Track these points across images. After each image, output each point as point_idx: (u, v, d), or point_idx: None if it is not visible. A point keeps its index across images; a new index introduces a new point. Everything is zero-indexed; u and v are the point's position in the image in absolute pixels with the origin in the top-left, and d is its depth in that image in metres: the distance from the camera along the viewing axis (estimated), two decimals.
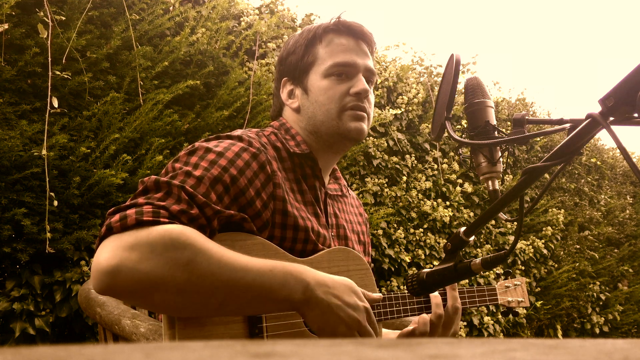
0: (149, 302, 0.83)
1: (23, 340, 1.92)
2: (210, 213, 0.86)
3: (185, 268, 0.77)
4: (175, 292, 0.78)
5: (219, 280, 0.79)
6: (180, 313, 0.85)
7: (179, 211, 0.82)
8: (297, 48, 1.12)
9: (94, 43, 2.32)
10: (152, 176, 0.88)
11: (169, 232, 0.78)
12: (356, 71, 1.08)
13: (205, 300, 0.81)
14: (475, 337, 3.80)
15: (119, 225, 0.79)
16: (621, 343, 0.23)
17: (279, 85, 1.16)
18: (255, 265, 0.81)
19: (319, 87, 1.08)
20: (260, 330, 0.91)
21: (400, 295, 1.11)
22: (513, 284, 1.38)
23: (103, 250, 0.78)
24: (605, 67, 23.31)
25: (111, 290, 0.78)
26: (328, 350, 0.21)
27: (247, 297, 0.81)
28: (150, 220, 0.79)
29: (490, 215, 0.75)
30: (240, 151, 0.95)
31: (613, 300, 5.23)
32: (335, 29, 1.10)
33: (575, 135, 0.65)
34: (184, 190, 0.85)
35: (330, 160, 1.16)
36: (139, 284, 0.76)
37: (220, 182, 0.90)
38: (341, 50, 1.09)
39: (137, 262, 0.75)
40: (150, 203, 0.82)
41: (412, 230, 3.61)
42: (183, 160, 0.93)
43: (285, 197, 1.00)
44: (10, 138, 1.94)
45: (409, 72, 4.10)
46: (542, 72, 23.05)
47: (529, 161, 5.00)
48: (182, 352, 0.20)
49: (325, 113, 1.08)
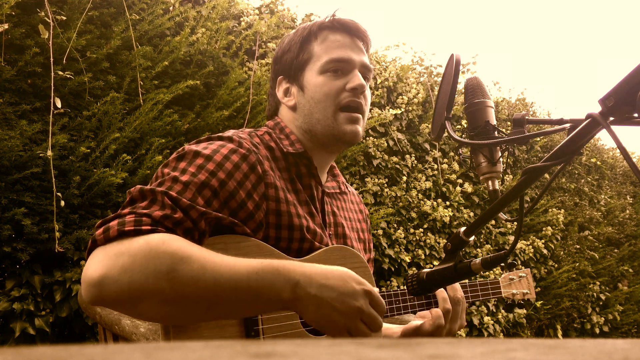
0: (137, 312, 0.83)
1: (23, 340, 1.92)
2: (196, 215, 0.86)
3: (166, 277, 0.76)
4: (160, 301, 0.78)
5: (203, 286, 0.78)
6: (168, 321, 0.85)
7: (162, 216, 0.82)
8: (292, 46, 1.12)
9: (94, 43, 2.32)
10: (137, 186, 0.88)
11: (148, 242, 0.78)
12: (352, 67, 1.08)
13: (191, 307, 0.80)
14: (475, 337, 3.80)
15: (102, 237, 0.80)
16: (621, 343, 0.23)
17: (275, 84, 1.16)
18: (241, 267, 0.80)
19: (314, 83, 1.08)
20: (257, 332, 0.91)
21: (400, 292, 1.11)
22: (518, 275, 1.34)
23: (90, 262, 0.79)
24: (605, 67, 23.31)
25: (99, 301, 0.79)
26: (328, 350, 0.21)
27: (234, 300, 0.80)
28: (132, 230, 0.79)
29: (490, 215, 0.75)
30: (230, 153, 0.95)
31: (613, 300, 5.23)
32: (330, 26, 1.10)
33: (575, 135, 0.65)
34: (167, 195, 0.85)
35: (326, 159, 1.16)
36: (123, 294, 0.76)
37: (208, 187, 0.90)
38: (336, 46, 1.08)
39: (120, 274, 0.76)
40: (134, 212, 0.82)
41: (412, 230, 3.61)
42: (172, 165, 0.93)
43: (278, 197, 0.99)
44: (10, 138, 1.94)
45: (409, 72, 4.10)
46: (542, 72, 23.05)
47: (529, 161, 5.00)
48: (182, 352, 0.20)
49: (321, 110, 1.07)
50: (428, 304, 1.15)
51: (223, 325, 0.89)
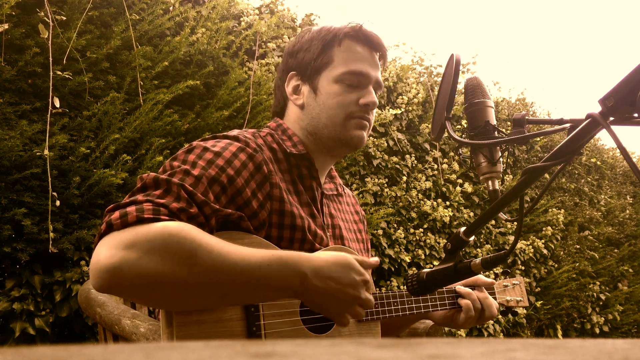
0: (152, 298, 0.84)
1: (23, 340, 1.92)
2: (209, 212, 0.87)
3: (185, 263, 0.77)
4: (177, 287, 0.79)
5: (220, 273, 0.80)
6: (182, 307, 0.85)
7: (178, 209, 0.83)
8: (313, 46, 1.10)
9: (94, 43, 2.32)
10: (151, 173, 0.88)
11: (167, 228, 0.78)
12: (367, 82, 1.09)
13: (207, 293, 0.82)
14: (475, 337, 3.80)
15: (119, 222, 0.79)
16: (621, 343, 0.23)
17: (285, 77, 1.15)
18: (254, 257, 0.83)
19: (329, 90, 1.08)
20: (258, 328, 0.92)
21: (399, 294, 1.12)
22: (511, 283, 1.37)
23: (102, 247, 0.78)
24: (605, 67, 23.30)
25: (112, 288, 0.78)
26: (328, 350, 0.21)
27: (247, 288, 0.83)
28: (150, 218, 0.79)
29: (490, 215, 0.75)
30: (238, 151, 0.96)
31: (613, 300, 5.23)
32: (354, 35, 1.10)
33: (575, 135, 0.65)
34: (184, 188, 0.86)
35: (327, 162, 1.16)
36: (140, 280, 0.76)
37: (218, 182, 0.91)
38: (357, 58, 1.09)
39: (137, 260, 0.76)
40: (150, 200, 0.82)
41: (412, 230, 3.61)
42: (181, 158, 0.94)
43: (282, 197, 1.00)
44: (10, 138, 1.94)
45: (409, 72, 4.11)
46: (542, 72, 23.04)
47: (529, 161, 5.00)
48: (182, 352, 0.20)
49: (330, 117, 1.08)
50: (451, 303, 1.19)
51: (225, 321, 0.89)
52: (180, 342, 0.72)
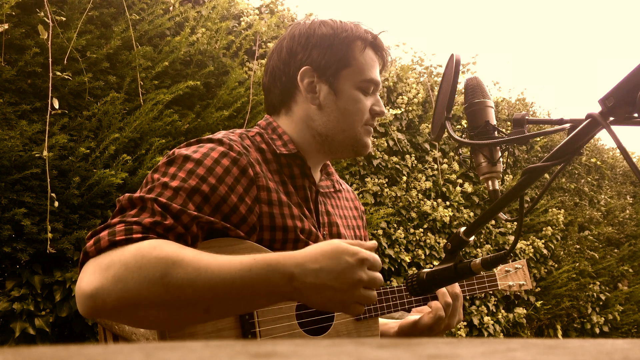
0: (135, 320, 0.82)
1: (23, 340, 1.92)
2: (187, 220, 0.86)
3: (159, 282, 0.76)
4: (156, 306, 0.77)
5: (198, 288, 0.77)
6: (169, 327, 0.85)
7: (152, 223, 0.82)
8: (335, 44, 1.07)
9: (94, 43, 2.32)
10: (126, 194, 0.88)
11: (140, 249, 0.78)
12: (377, 89, 1.12)
13: (190, 310, 0.80)
14: (475, 337, 3.80)
15: (93, 249, 0.80)
16: (621, 343, 0.23)
17: (295, 70, 1.08)
18: (232, 265, 0.79)
19: (350, 95, 1.07)
20: (254, 335, 0.91)
21: (397, 289, 1.12)
22: (514, 267, 1.32)
23: (83, 275, 0.79)
24: (605, 67, 23.30)
25: (95, 313, 0.78)
26: (328, 350, 0.21)
27: (232, 299, 0.79)
28: (123, 239, 0.79)
29: (490, 215, 0.75)
30: (220, 157, 0.94)
31: (613, 300, 5.23)
32: (374, 43, 1.11)
33: (575, 135, 0.65)
34: (157, 202, 0.85)
35: (321, 160, 1.15)
36: (120, 304, 0.76)
37: (199, 192, 0.89)
38: (374, 66, 1.11)
39: (113, 283, 0.76)
40: (123, 221, 0.82)
41: (412, 230, 3.61)
42: (161, 170, 0.92)
43: (271, 199, 0.99)
44: (10, 138, 1.94)
45: (409, 72, 4.10)
46: (542, 72, 23.05)
47: (529, 161, 5.00)
48: (182, 352, 0.20)
49: (350, 123, 1.08)
50: (425, 299, 1.15)
51: (220, 330, 0.89)
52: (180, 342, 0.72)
